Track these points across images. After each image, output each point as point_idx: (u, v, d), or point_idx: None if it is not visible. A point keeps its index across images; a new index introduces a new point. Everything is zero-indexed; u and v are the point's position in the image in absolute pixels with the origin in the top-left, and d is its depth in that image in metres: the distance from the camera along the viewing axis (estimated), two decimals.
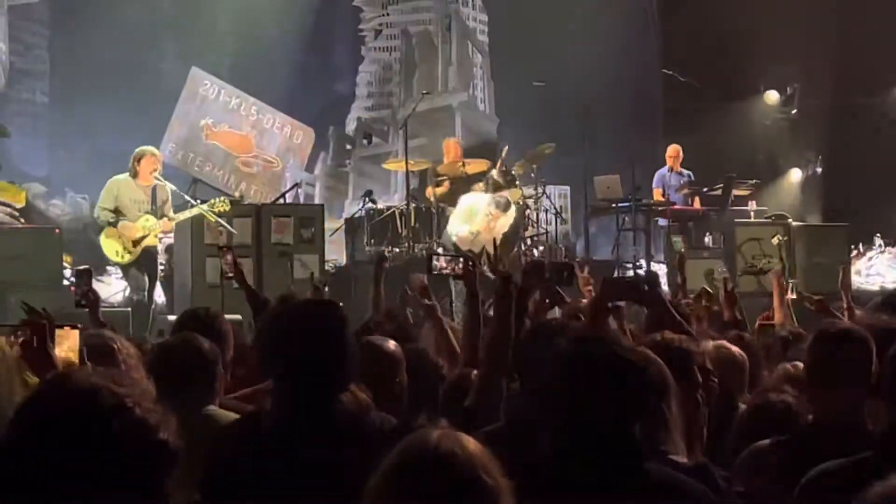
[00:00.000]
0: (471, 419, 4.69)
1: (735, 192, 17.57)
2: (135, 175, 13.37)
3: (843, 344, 4.43)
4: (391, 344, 5.31)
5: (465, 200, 15.89)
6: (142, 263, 13.35)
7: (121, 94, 19.95)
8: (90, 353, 4.53)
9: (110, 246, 13.30)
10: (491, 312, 5.69)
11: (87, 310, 7.58)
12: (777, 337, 7.41)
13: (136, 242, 13.24)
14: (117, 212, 13.25)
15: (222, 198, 14.13)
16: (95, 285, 9.32)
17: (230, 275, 7.27)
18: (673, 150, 18.14)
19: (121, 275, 14.29)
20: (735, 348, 5.79)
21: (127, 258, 13.31)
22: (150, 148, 13.75)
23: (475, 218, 15.60)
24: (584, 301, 6.80)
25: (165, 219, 13.39)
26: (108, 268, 15.22)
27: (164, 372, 4.89)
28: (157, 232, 13.41)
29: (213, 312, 6.13)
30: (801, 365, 5.01)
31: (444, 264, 6.42)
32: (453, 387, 5.41)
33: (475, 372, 5.32)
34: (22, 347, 4.17)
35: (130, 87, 20.29)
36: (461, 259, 6.37)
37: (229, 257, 8.08)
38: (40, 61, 21.83)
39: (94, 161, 18.65)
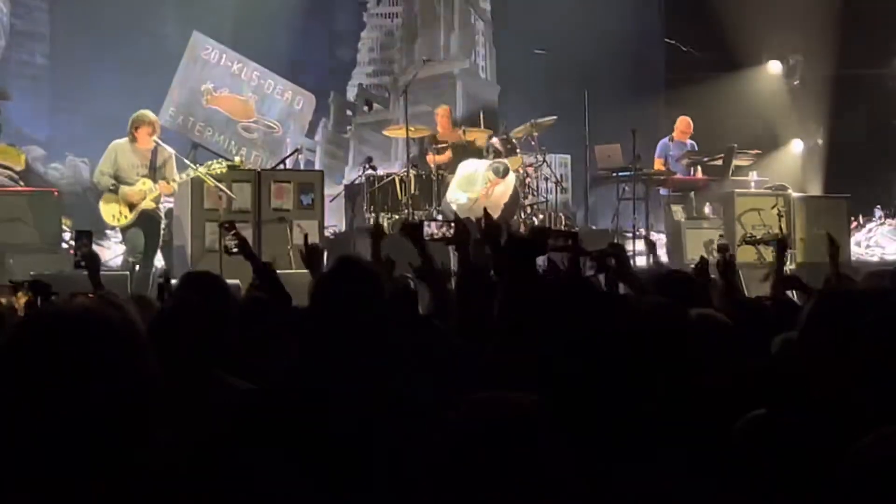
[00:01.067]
0: None
1: (736, 162, 17.52)
2: (134, 139, 13.33)
3: None
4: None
5: (464, 167, 15.89)
6: (139, 226, 13.30)
7: (122, 58, 19.92)
8: None
9: (108, 210, 13.27)
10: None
11: (86, 272, 7.58)
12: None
13: (132, 206, 13.21)
14: (117, 177, 13.21)
15: (219, 160, 14.13)
16: (95, 248, 9.30)
17: (234, 250, 7.19)
18: (684, 124, 18.04)
19: (120, 238, 14.28)
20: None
21: (124, 221, 13.27)
22: (147, 112, 13.66)
23: (474, 185, 15.60)
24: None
25: (164, 181, 13.33)
26: (108, 232, 15.22)
27: (170, 335, 4.85)
28: (154, 195, 13.35)
29: (216, 275, 6.11)
30: None
31: (436, 230, 6.44)
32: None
33: None
34: None
35: (132, 51, 20.24)
36: (453, 224, 6.39)
37: (233, 233, 8.01)
38: (41, 23, 21.78)
39: (94, 124, 18.60)
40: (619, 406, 3.64)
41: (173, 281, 7.16)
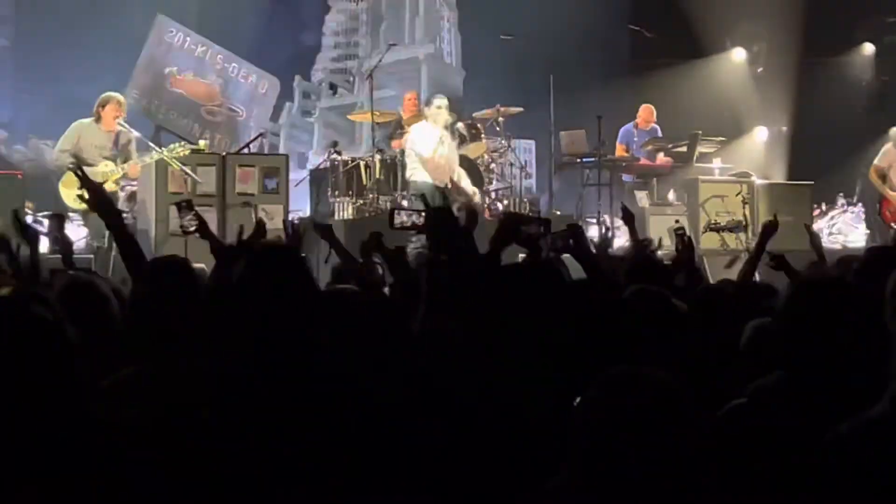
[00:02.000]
0: None
1: (700, 148, 17.57)
2: (98, 120, 13.30)
3: None
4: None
5: (415, 140, 15.25)
6: None
7: (86, 40, 19.81)
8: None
9: (69, 192, 13.20)
10: None
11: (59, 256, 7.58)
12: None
13: None
14: (77, 157, 13.16)
15: (182, 142, 14.09)
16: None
17: (191, 229, 7.15)
18: (647, 112, 18.12)
19: (82, 221, 14.20)
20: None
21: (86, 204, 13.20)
22: (115, 94, 13.66)
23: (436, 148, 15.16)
24: None
25: (131, 162, 13.30)
26: (70, 214, 15.14)
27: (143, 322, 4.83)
28: (116, 177, 13.31)
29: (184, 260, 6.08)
30: None
31: (406, 218, 6.42)
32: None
33: None
34: None
35: (96, 33, 20.11)
36: (422, 213, 6.37)
37: (193, 213, 7.97)
38: (5, 5, 21.65)
39: (58, 106, 18.49)
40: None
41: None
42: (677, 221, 14.38)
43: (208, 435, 3.81)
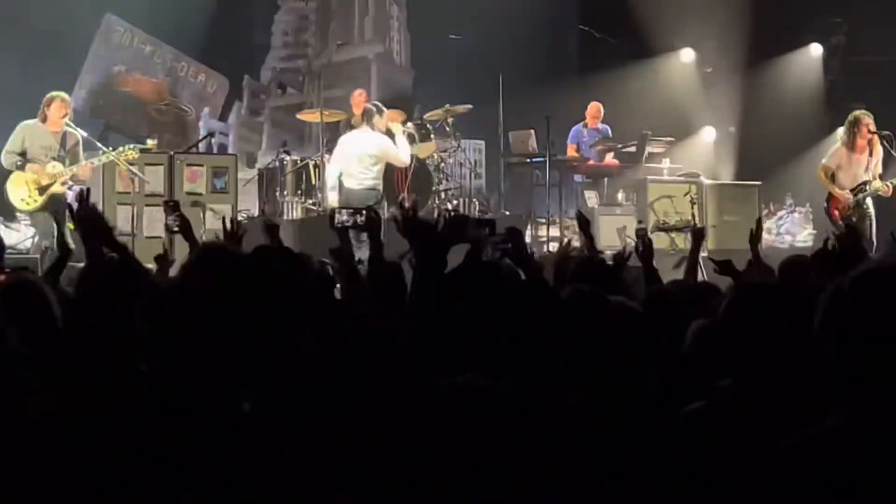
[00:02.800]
0: None
1: (649, 149, 17.63)
2: (44, 120, 13.21)
3: None
4: None
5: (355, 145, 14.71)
6: (49, 210, 13.16)
7: (32, 38, 19.61)
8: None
9: (16, 193, 13.13)
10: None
11: None
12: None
13: (42, 189, 13.07)
14: (24, 156, 13.08)
15: (132, 145, 14.00)
16: (4, 232, 9.21)
17: (175, 229, 7.16)
18: (594, 109, 18.20)
19: (29, 221, 14.12)
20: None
21: (33, 205, 13.14)
22: (61, 93, 13.57)
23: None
24: None
25: (82, 163, 13.22)
26: (17, 214, 15.03)
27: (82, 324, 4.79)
28: (64, 178, 13.22)
29: (122, 261, 6.03)
30: None
31: (347, 217, 6.46)
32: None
33: None
34: None
35: (42, 32, 19.93)
36: (364, 211, 6.41)
37: (176, 213, 7.94)
38: None
39: (2, 105, 18.36)
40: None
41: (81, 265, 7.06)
42: (640, 222, 14.45)
43: (150, 436, 3.80)
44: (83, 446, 3.07)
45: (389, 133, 14.71)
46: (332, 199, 14.40)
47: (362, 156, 14.33)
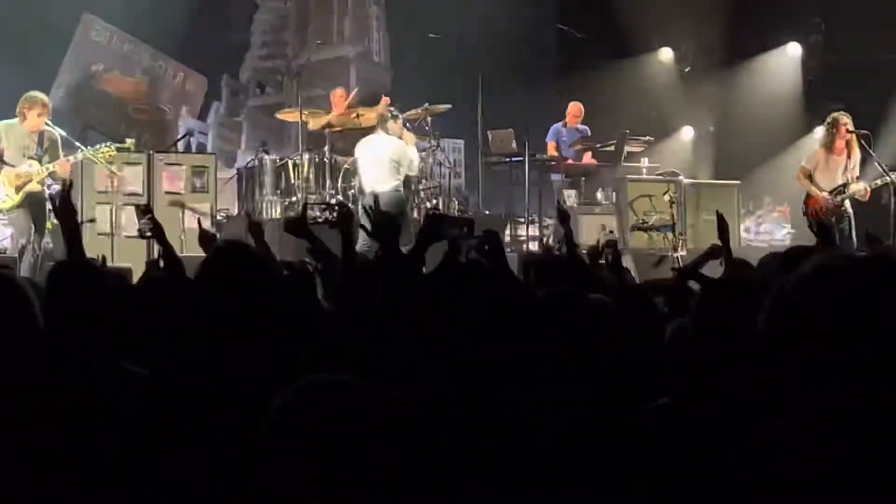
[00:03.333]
0: None
1: (628, 148, 17.66)
2: (23, 120, 13.16)
3: None
4: None
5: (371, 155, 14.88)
6: (26, 208, 13.11)
7: (9, 37, 19.53)
8: None
9: None
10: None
11: None
12: None
13: (18, 188, 13.02)
14: (2, 158, 13.04)
15: (108, 143, 13.95)
16: None
17: (148, 234, 7.13)
18: (576, 109, 18.23)
19: (6, 221, 14.07)
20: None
21: (9, 203, 13.09)
22: (39, 94, 13.49)
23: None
24: None
25: (62, 160, 13.16)
26: None
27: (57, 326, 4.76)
28: (41, 177, 13.17)
29: (91, 262, 5.96)
30: None
31: (319, 213, 6.44)
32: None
33: None
34: None
35: (20, 30, 19.84)
36: (336, 206, 6.41)
37: (148, 217, 7.90)
38: None
39: None
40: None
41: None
42: (612, 233, 14.48)
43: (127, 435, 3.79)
44: (67, 446, 3.06)
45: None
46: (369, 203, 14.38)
47: (389, 160, 14.49)
